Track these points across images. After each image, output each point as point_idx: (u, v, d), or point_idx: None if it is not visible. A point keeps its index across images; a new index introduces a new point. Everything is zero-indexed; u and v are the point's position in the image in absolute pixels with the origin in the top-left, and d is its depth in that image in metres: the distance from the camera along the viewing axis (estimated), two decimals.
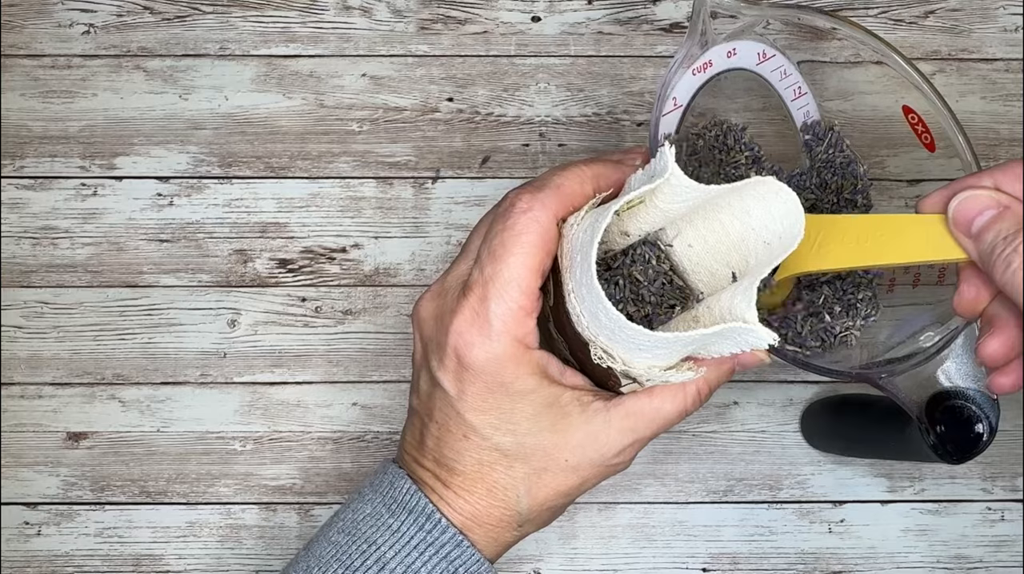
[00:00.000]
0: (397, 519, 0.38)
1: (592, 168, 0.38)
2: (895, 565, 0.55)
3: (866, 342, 0.51)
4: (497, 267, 0.35)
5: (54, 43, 0.58)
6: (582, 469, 0.38)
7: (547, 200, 0.36)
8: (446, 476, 0.38)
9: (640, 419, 0.38)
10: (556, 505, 0.39)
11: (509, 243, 0.36)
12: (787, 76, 0.50)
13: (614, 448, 0.38)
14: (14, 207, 0.57)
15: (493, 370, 0.36)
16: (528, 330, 0.36)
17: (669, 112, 0.48)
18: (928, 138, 0.46)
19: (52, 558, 0.54)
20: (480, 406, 0.37)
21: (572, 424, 0.37)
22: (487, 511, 0.38)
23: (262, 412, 0.56)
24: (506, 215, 0.36)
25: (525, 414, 0.37)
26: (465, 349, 0.36)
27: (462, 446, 0.38)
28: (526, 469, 0.38)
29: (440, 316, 0.37)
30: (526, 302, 0.36)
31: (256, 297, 0.57)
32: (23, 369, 0.56)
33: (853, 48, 0.48)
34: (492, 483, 0.38)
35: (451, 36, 0.59)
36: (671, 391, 0.38)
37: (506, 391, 0.36)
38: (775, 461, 0.56)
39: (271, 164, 0.58)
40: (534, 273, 0.36)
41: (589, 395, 0.38)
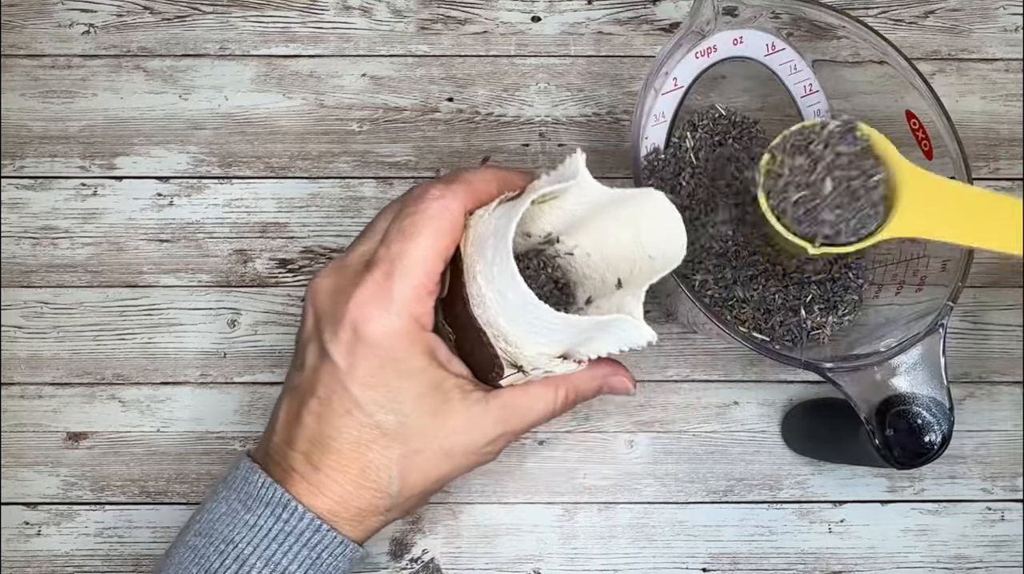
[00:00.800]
0: (253, 514, 0.38)
1: (499, 172, 0.40)
2: (895, 565, 0.55)
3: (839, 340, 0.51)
4: (406, 246, 0.37)
5: (54, 43, 0.58)
6: (455, 455, 0.39)
7: (458, 191, 0.38)
8: (319, 457, 0.38)
9: (513, 412, 0.40)
10: (425, 491, 0.40)
11: (420, 224, 0.37)
12: (797, 71, 0.50)
13: (487, 437, 0.39)
14: (14, 207, 0.57)
15: (388, 344, 0.37)
16: (426, 310, 0.38)
17: (669, 91, 0.48)
18: (927, 145, 0.46)
19: (52, 558, 0.54)
20: (369, 381, 0.37)
21: (452, 409, 0.39)
22: (356, 493, 0.39)
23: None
24: (419, 199, 0.38)
25: (410, 393, 0.38)
26: (363, 321, 0.37)
27: (342, 422, 0.38)
28: (402, 450, 0.38)
29: (340, 290, 0.38)
30: (428, 283, 0.37)
31: (256, 297, 0.57)
32: (23, 369, 0.56)
33: (853, 47, 0.48)
34: (367, 463, 0.38)
35: (451, 36, 0.59)
36: (542, 392, 0.40)
37: (396, 368, 0.37)
38: (775, 461, 0.56)
39: (271, 164, 0.58)
40: (439, 256, 0.37)
41: (470, 385, 0.39)
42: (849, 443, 0.48)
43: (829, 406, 0.53)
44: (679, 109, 0.49)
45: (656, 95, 0.48)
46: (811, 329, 0.51)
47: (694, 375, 0.56)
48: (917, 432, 0.42)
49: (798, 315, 0.51)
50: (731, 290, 0.51)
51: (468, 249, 0.38)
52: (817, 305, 0.51)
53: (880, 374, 0.42)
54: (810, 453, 0.55)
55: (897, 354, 0.42)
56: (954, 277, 0.44)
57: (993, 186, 0.58)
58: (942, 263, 0.46)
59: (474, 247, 0.38)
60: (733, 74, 0.53)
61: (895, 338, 0.44)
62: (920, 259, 0.48)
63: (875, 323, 0.50)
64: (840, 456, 0.53)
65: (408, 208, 0.38)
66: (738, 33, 0.48)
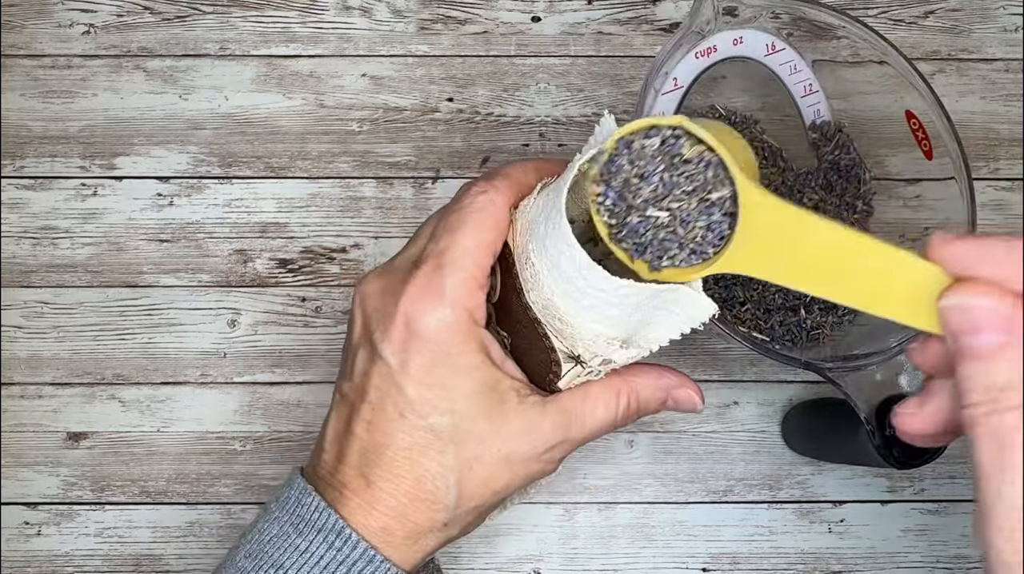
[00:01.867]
0: (305, 539, 0.37)
1: (534, 163, 0.39)
2: (895, 565, 0.55)
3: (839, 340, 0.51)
4: (453, 238, 0.36)
5: (54, 43, 0.58)
6: (513, 462, 0.37)
7: (500, 185, 0.37)
8: (370, 469, 0.37)
9: (572, 418, 0.38)
10: (484, 503, 0.38)
11: (466, 218, 0.37)
12: (797, 71, 0.50)
13: (546, 443, 0.38)
14: (14, 207, 0.57)
15: (442, 339, 0.36)
16: (478, 303, 0.37)
17: (669, 92, 0.48)
18: (927, 145, 0.46)
19: (52, 558, 0.54)
20: (423, 378, 0.36)
21: (508, 411, 0.37)
22: (412, 506, 0.37)
23: (262, 412, 0.56)
24: (462, 197, 0.37)
25: (465, 392, 0.36)
26: (417, 315, 0.36)
27: (395, 427, 0.36)
28: (458, 456, 0.37)
29: (389, 289, 0.37)
30: (479, 275, 0.36)
31: (256, 297, 0.57)
32: (23, 369, 0.56)
33: (853, 47, 0.48)
34: (422, 472, 0.37)
35: (451, 36, 0.59)
36: (603, 397, 0.38)
37: (451, 364, 0.36)
38: (775, 461, 0.56)
39: (271, 164, 0.58)
40: (488, 249, 0.37)
41: (527, 388, 0.38)
42: (849, 443, 0.48)
43: (829, 406, 0.53)
44: (679, 109, 0.49)
45: (656, 95, 0.48)
46: (811, 329, 0.51)
47: (694, 375, 0.56)
48: None
49: (798, 315, 0.51)
50: (731, 290, 0.51)
51: (517, 239, 0.37)
52: (817, 305, 0.51)
53: (880, 374, 0.42)
54: (810, 453, 0.55)
55: (897, 354, 0.42)
56: None
57: (993, 186, 0.58)
58: None
59: (523, 234, 0.37)
60: (733, 74, 0.53)
61: (895, 338, 0.44)
62: None
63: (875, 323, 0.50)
64: (840, 456, 0.53)
65: (452, 206, 0.38)
66: (738, 33, 0.48)
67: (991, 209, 0.57)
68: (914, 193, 0.51)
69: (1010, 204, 0.58)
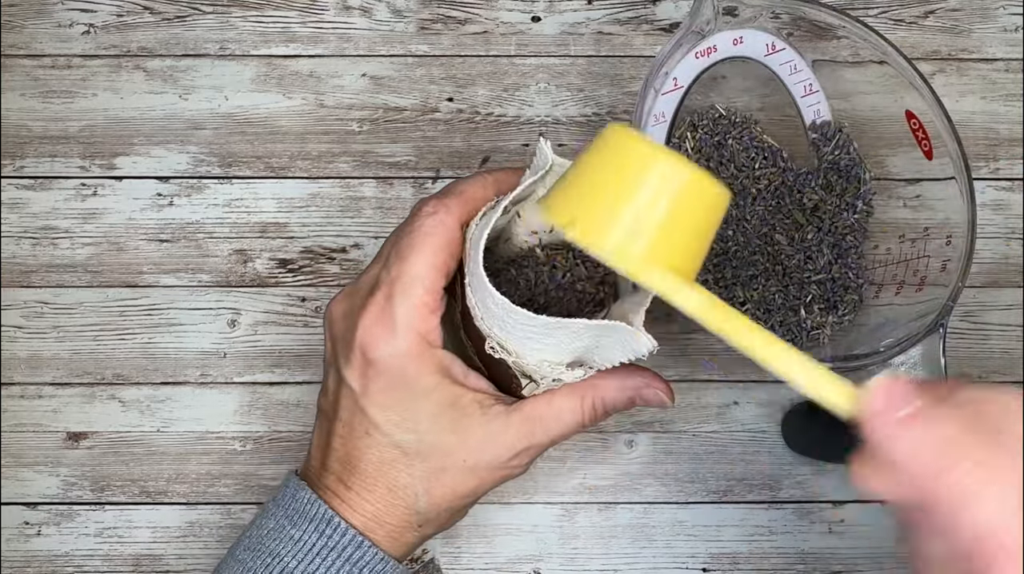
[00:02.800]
0: (299, 529, 0.39)
1: (493, 175, 0.40)
2: (895, 565, 0.55)
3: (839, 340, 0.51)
4: (403, 266, 0.37)
5: (54, 43, 0.58)
6: (479, 470, 0.39)
7: (451, 204, 0.38)
8: (348, 477, 0.39)
9: (537, 424, 0.39)
10: (455, 506, 0.40)
11: (415, 243, 0.37)
12: (797, 71, 0.50)
13: (511, 450, 0.39)
14: (14, 207, 0.57)
15: (397, 365, 0.37)
16: (431, 327, 0.38)
17: (669, 92, 0.48)
18: (927, 145, 0.46)
19: (52, 558, 0.54)
20: (383, 402, 0.38)
21: (471, 425, 0.38)
22: (387, 511, 0.39)
23: (262, 412, 0.56)
24: (413, 219, 0.38)
25: (426, 412, 0.38)
26: (371, 345, 0.37)
27: (364, 443, 0.39)
28: (425, 468, 0.39)
29: (349, 314, 0.39)
30: (430, 300, 0.37)
31: (256, 297, 0.57)
32: (23, 369, 0.56)
33: (853, 47, 0.48)
34: (392, 482, 0.39)
35: (451, 36, 0.59)
36: (568, 402, 0.39)
37: (408, 388, 0.38)
38: (775, 461, 0.56)
39: (271, 164, 0.58)
40: (438, 272, 0.37)
41: (490, 399, 0.39)
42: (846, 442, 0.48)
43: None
44: (679, 109, 0.49)
45: (656, 95, 0.48)
46: (811, 329, 0.51)
47: (694, 375, 0.56)
48: None
49: (798, 315, 0.51)
50: (731, 290, 0.51)
51: (467, 261, 0.38)
52: (817, 305, 0.51)
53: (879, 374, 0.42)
54: (810, 453, 0.55)
55: (897, 354, 0.42)
56: (954, 277, 0.44)
57: (993, 186, 0.58)
58: (942, 263, 0.46)
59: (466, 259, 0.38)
60: (733, 74, 0.53)
61: (895, 338, 0.44)
62: (920, 259, 0.48)
63: (875, 323, 0.50)
64: (840, 456, 0.53)
65: (404, 228, 0.39)
66: (738, 33, 0.48)
67: (991, 209, 0.57)
68: (914, 193, 0.51)
69: (1010, 204, 0.58)
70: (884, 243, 0.41)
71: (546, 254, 0.40)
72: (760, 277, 0.51)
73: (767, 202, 0.52)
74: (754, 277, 0.51)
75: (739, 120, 0.54)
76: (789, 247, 0.52)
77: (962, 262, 0.44)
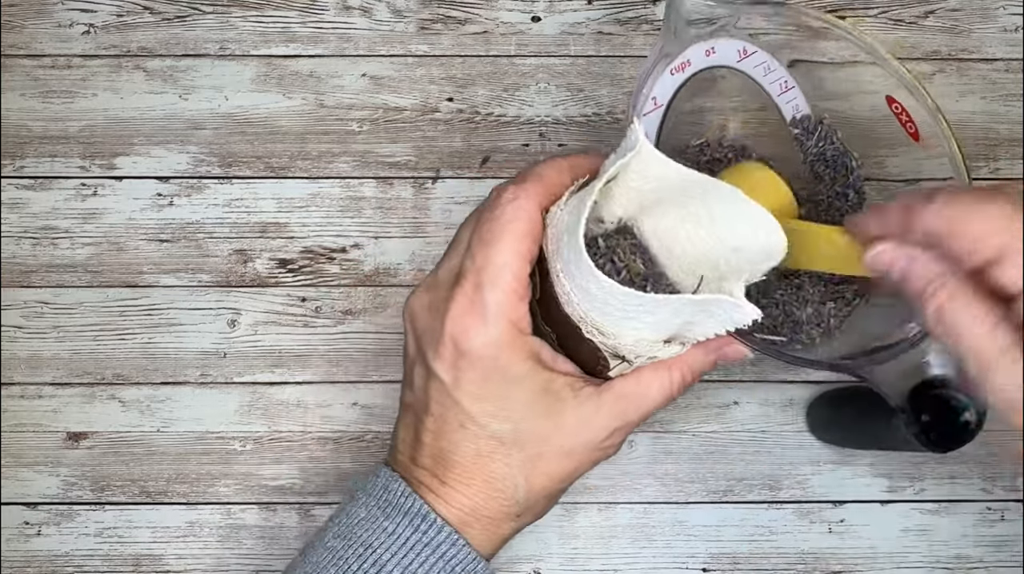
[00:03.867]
0: (392, 521, 0.38)
1: (569, 159, 0.39)
2: (895, 565, 0.55)
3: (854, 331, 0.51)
4: (488, 254, 0.37)
5: (54, 43, 0.58)
6: (576, 453, 0.39)
7: (531, 190, 0.38)
8: (443, 471, 0.39)
9: (629, 402, 0.39)
10: (552, 491, 0.40)
11: (498, 231, 0.37)
12: (771, 71, 0.50)
13: (606, 430, 0.39)
14: (14, 207, 0.57)
15: (490, 355, 0.37)
16: (522, 314, 0.37)
17: (649, 112, 0.48)
18: (912, 127, 0.46)
19: (52, 558, 0.54)
20: (477, 393, 0.37)
21: (565, 409, 0.38)
22: (485, 504, 0.39)
23: (262, 412, 0.56)
24: (493, 206, 0.38)
25: (520, 400, 0.38)
26: (462, 335, 0.37)
27: (459, 437, 0.38)
28: (523, 456, 0.38)
29: (434, 307, 0.38)
30: (519, 287, 0.37)
31: (256, 297, 0.57)
32: (23, 369, 0.56)
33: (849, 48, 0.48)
34: (490, 474, 0.38)
35: (451, 36, 0.59)
36: (656, 376, 0.39)
37: (503, 376, 0.37)
38: (775, 461, 0.56)
39: (271, 164, 0.58)
40: (524, 259, 0.37)
41: (580, 382, 0.39)
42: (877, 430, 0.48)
43: (854, 395, 0.53)
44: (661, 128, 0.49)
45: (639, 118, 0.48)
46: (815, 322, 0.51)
47: None
48: (953, 413, 0.41)
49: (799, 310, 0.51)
50: None
51: (549, 247, 0.38)
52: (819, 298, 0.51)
53: (908, 361, 0.42)
54: (836, 442, 0.54)
55: (923, 338, 0.42)
56: None
57: None
58: None
59: (552, 246, 0.37)
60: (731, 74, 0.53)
61: (914, 325, 0.43)
62: None
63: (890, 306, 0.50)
64: (868, 443, 0.52)
65: (484, 215, 0.38)
66: (709, 44, 0.48)
67: None
68: None
69: None
70: None
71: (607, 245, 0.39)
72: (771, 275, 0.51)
73: None
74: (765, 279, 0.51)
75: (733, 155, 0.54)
76: None
77: None
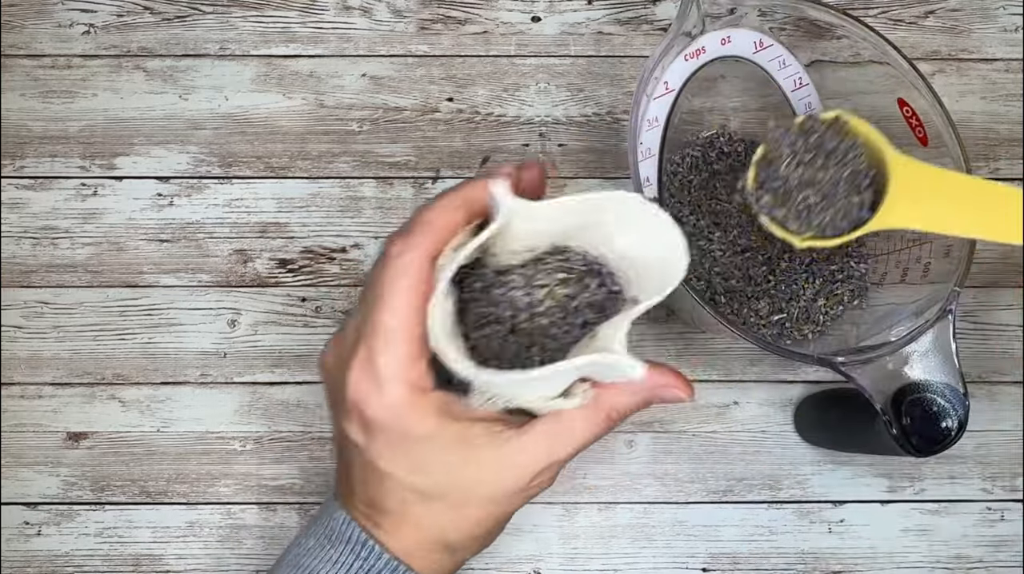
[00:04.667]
0: (336, 550, 0.39)
1: (461, 193, 0.37)
2: (895, 565, 0.55)
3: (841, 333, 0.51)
4: (378, 318, 0.36)
5: (54, 43, 0.58)
6: (502, 498, 0.38)
7: (416, 241, 0.36)
8: (376, 515, 0.39)
9: (555, 441, 0.38)
10: (485, 532, 0.39)
11: (386, 292, 0.36)
12: (786, 66, 0.50)
13: (531, 471, 0.38)
14: (14, 207, 0.57)
15: (392, 420, 0.36)
16: (420, 373, 0.36)
17: (661, 96, 0.48)
18: (922, 132, 0.46)
19: (52, 558, 0.54)
20: (389, 455, 0.37)
21: (483, 457, 0.37)
22: (418, 545, 0.39)
23: (262, 412, 0.56)
24: (380, 264, 0.37)
25: (434, 456, 0.37)
26: (363, 403, 0.36)
27: (384, 488, 0.38)
28: (446, 506, 0.38)
29: (340, 366, 0.38)
30: (411, 347, 0.36)
31: (256, 297, 0.57)
32: (23, 369, 0.56)
33: (852, 47, 0.48)
34: (417, 520, 0.38)
35: (451, 36, 0.59)
36: (582, 413, 0.38)
37: (409, 438, 0.36)
38: (775, 461, 0.56)
39: (271, 164, 0.58)
40: (415, 316, 0.36)
41: (499, 425, 0.38)
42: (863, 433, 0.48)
43: (841, 397, 0.53)
44: (672, 112, 0.49)
45: (648, 100, 0.48)
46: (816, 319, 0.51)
47: (694, 375, 0.56)
48: (934, 419, 0.42)
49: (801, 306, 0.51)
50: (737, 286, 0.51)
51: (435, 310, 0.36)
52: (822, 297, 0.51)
53: (892, 364, 0.42)
54: (824, 444, 0.55)
55: (908, 343, 0.42)
56: (958, 263, 0.44)
57: None
58: (946, 249, 0.46)
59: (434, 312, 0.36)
60: (731, 75, 0.53)
61: (904, 327, 0.44)
62: (923, 246, 0.48)
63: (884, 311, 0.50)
64: (854, 446, 0.53)
65: (372, 276, 0.37)
66: (726, 33, 0.48)
67: None
68: None
69: None
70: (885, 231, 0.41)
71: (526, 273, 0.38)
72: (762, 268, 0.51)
73: None
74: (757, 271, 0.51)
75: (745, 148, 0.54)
76: None
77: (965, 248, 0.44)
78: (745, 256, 0.52)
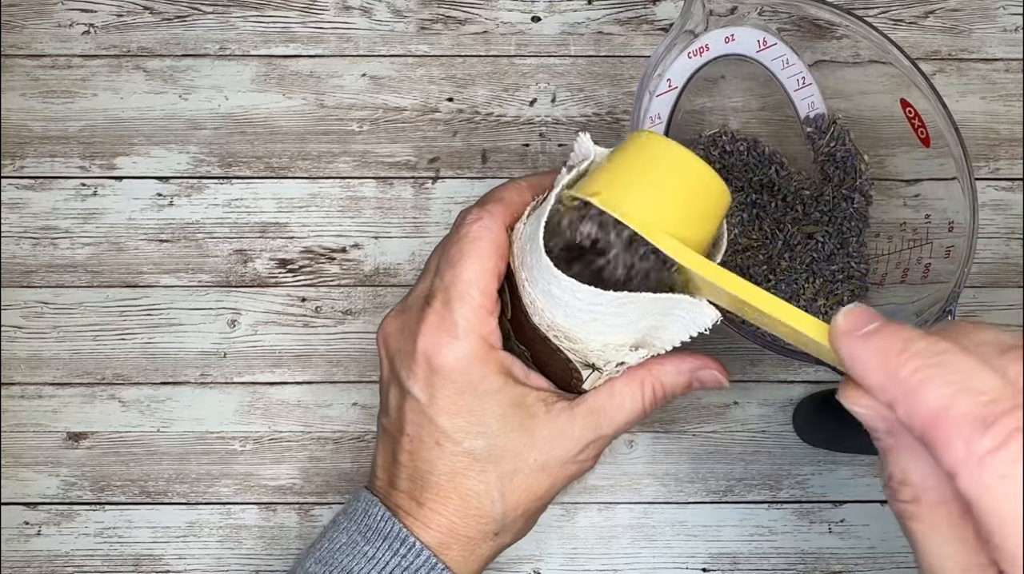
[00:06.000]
0: (372, 546, 0.39)
1: (527, 180, 0.40)
2: (895, 565, 0.55)
3: None
4: (456, 272, 0.38)
5: (54, 43, 0.58)
6: (551, 467, 0.39)
7: (494, 210, 0.39)
8: (420, 492, 0.39)
9: (602, 416, 0.39)
10: (529, 509, 0.40)
11: (464, 250, 0.38)
12: (790, 65, 0.50)
13: (579, 444, 0.39)
14: (14, 207, 0.57)
15: (462, 369, 0.38)
16: (491, 329, 0.38)
17: (664, 93, 0.48)
18: (924, 132, 0.46)
19: (52, 558, 0.54)
20: (451, 409, 0.38)
21: (538, 423, 0.39)
22: (463, 522, 0.39)
23: (262, 412, 0.56)
24: (459, 228, 0.39)
25: (493, 414, 0.38)
26: (434, 351, 0.38)
27: (435, 454, 0.39)
28: (498, 472, 0.39)
29: (406, 328, 0.39)
30: (486, 302, 0.38)
31: (256, 297, 0.57)
32: (23, 369, 0.56)
33: (854, 47, 0.48)
34: (466, 491, 0.39)
35: (451, 36, 0.59)
36: (629, 390, 0.40)
37: (475, 391, 0.38)
38: (775, 461, 0.56)
39: (271, 164, 0.58)
40: (491, 275, 0.38)
41: (553, 396, 0.39)
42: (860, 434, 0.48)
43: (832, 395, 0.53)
44: (674, 110, 0.49)
45: (651, 97, 0.48)
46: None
47: None
48: None
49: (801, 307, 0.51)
50: None
51: (515, 262, 0.38)
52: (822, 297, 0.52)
53: None
54: (822, 444, 0.55)
55: None
56: (959, 263, 0.44)
57: (993, 186, 0.58)
58: (946, 250, 0.46)
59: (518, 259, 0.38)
60: (731, 75, 0.53)
61: None
62: (924, 246, 0.48)
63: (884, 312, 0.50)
64: (852, 446, 0.53)
65: (451, 237, 0.39)
66: (729, 31, 0.48)
67: (991, 209, 0.57)
68: (914, 192, 0.51)
69: (1010, 204, 0.58)
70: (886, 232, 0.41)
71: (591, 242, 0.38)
72: (763, 268, 0.51)
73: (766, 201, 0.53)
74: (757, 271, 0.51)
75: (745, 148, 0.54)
76: (791, 239, 0.52)
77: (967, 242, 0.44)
78: (745, 255, 0.52)
